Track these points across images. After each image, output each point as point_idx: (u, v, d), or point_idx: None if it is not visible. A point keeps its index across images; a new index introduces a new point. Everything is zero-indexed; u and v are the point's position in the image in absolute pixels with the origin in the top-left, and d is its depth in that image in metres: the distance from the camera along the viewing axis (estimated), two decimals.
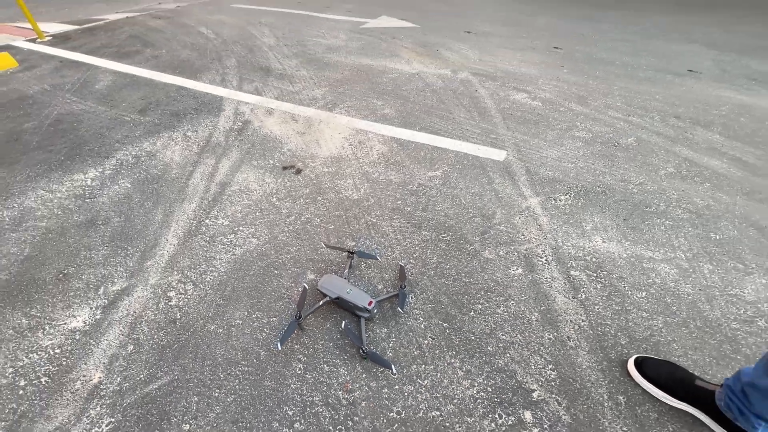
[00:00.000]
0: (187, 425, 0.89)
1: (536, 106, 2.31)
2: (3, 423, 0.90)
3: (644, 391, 0.93)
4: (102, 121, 2.22)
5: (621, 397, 0.92)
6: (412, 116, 2.22)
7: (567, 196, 1.58)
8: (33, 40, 3.60)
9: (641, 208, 1.52)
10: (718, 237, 1.39)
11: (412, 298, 1.18)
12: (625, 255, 1.31)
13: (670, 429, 0.86)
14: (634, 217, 1.48)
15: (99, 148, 1.97)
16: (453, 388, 0.95)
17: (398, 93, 2.50)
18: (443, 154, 1.87)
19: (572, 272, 1.24)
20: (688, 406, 0.87)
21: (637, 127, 2.07)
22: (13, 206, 1.60)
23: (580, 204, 1.54)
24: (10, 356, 1.04)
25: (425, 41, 3.53)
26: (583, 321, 1.10)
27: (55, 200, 1.63)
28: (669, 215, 1.48)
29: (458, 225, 1.45)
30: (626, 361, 0.99)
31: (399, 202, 1.58)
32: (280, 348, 1.03)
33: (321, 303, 1.11)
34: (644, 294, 1.18)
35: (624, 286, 1.20)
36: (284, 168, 1.81)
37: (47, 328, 1.12)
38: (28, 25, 3.97)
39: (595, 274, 1.24)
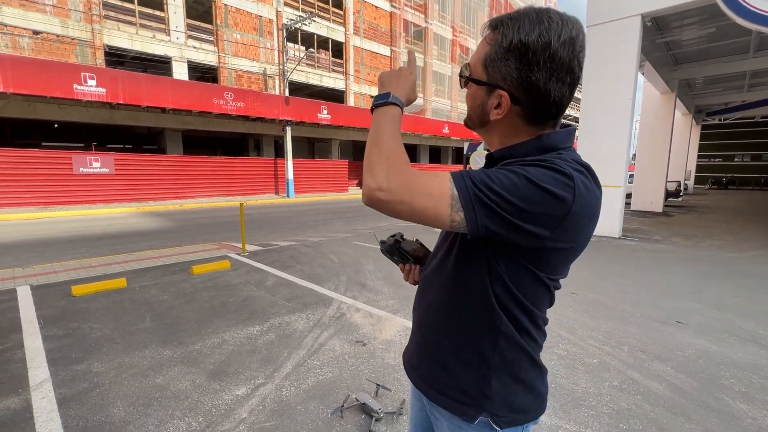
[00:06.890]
0: None
1: None
2: None
3: None
4: (266, 302, 3.89)
5: None
6: None
7: None
8: (239, 254, 6.13)
9: (576, 400, 2.23)
10: (624, 427, 2.01)
11: None
12: None
13: None
14: (568, 403, 2.20)
15: (262, 316, 3.53)
16: None
17: None
18: None
19: None
20: None
21: (604, 353, 2.84)
22: (218, 339, 3.07)
23: None
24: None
25: None
26: None
27: (237, 338, 3.07)
28: (598, 409, 2.17)
29: None
30: None
31: None
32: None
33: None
34: None
35: None
36: (356, 342, 3.02)
37: (230, 391, 2.31)
38: (237, 244, 6.74)
39: None
